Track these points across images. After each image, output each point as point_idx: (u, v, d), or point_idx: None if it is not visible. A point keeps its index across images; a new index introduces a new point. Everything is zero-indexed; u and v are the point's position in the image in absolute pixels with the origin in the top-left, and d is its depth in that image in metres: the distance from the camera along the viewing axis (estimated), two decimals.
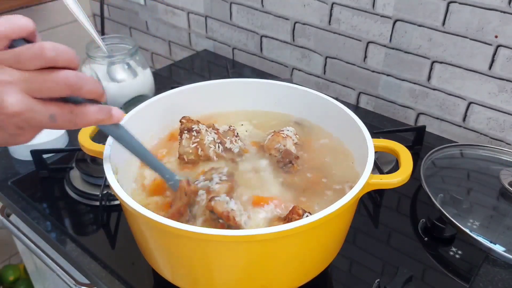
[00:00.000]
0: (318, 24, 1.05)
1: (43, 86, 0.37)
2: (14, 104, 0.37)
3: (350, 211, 0.57)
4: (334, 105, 0.67)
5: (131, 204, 0.49)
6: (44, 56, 0.37)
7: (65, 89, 0.38)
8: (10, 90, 0.37)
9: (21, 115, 0.37)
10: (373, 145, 0.58)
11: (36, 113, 0.38)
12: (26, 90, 0.37)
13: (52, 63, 0.37)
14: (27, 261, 1.09)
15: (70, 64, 0.38)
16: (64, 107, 0.39)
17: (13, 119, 0.38)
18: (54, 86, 0.38)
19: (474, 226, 0.71)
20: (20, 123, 0.38)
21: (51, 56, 0.37)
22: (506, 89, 0.85)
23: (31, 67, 0.37)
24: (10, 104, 0.36)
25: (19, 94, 0.37)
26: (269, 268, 0.52)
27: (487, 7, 0.81)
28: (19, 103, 0.37)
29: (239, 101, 0.75)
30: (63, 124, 0.40)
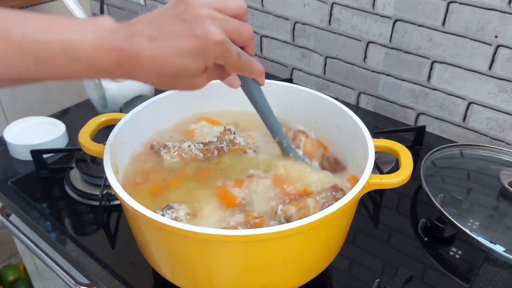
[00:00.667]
0: (318, 24, 1.05)
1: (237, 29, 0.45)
2: (218, 34, 0.43)
3: (350, 211, 0.57)
4: (334, 105, 0.67)
5: (131, 204, 0.49)
6: (243, 8, 0.46)
7: (248, 37, 0.46)
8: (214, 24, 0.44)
9: (223, 44, 0.44)
10: (373, 145, 0.58)
11: (231, 46, 0.45)
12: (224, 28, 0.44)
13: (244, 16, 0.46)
14: (27, 261, 1.09)
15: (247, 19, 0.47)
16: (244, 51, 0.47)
17: (216, 47, 0.44)
18: (244, 32, 0.46)
19: (474, 226, 0.71)
20: (219, 54, 0.45)
21: (245, 9, 0.46)
22: (506, 89, 0.86)
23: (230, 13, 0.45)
24: (216, 34, 0.43)
25: (220, 28, 0.44)
26: (269, 268, 0.52)
27: (487, 7, 0.81)
28: (222, 35, 0.44)
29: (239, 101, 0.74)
30: (243, 64, 0.47)
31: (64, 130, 0.92)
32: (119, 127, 0.61)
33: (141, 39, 0.43)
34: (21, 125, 0.94)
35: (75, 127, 0.89)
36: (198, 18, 0.43)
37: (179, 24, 0.44)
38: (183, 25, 0.43)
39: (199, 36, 0.43)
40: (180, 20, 0.44)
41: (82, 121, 0.63)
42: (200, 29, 0.43)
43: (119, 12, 1.53)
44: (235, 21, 0.45)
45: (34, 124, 0.94)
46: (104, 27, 0.44)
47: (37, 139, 0.88)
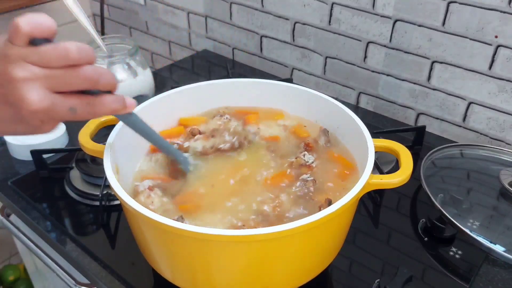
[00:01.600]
0: (318, 24, 1.05)
1: (64, 82, 0.39)
2: (36, 100, 0.38)
3: (350, 211, 0.57)
4: (334, 105, 0.67)
5: (131, 204, 0.49)
6: (69, 57, 0.39)
7: (84, 83, 0.40)
8: (33, 87, 0.38)
9: (44, 110, 0.39)
10: (373, 145, 0.58)
11: (57, 106, 0.40)
12: (48, 86, 0.39)
13: (76, 62, 0.39)
14: (27, 261, 1.09)
15: (89, 61, 0.40)
16: (82, 99, 0.41)
17: (37, 114, 0.39)
18: (75, 81, 0.40)
19: (474, 226, 0.71)
20: (43, 117, 0.40)
21: (75, 57, 0.39)
22: (506, 89, 0.86)
23: (54, 66, 0.39)
24: (33, 101, 0.38)
25: (41, 90, 0.39)
26: (269, 268, 0.52)
27: (487, 7, 0.81)
28: (41, 99, 0.39)
29: (239, 101, 0.75)
30: (82, 115, 0.42)
31: (64, 130, 0.92)
32: (119, 127, 0.61)
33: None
34: None
35: (75, 127, 0.89)
36: (12, 82, 0.38)
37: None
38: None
39: (13, 104, 0.39)
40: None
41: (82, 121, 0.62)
42: (14, 96, 0.39)
43: (119, 12, 1.53)
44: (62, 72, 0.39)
45: None
46: None
47: (37, 139, 0.88)
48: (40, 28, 0.38)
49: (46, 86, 0.39)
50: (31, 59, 0.38)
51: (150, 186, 0.59)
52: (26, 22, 0.38)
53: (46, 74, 0.39)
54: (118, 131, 0.60)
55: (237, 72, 1.22)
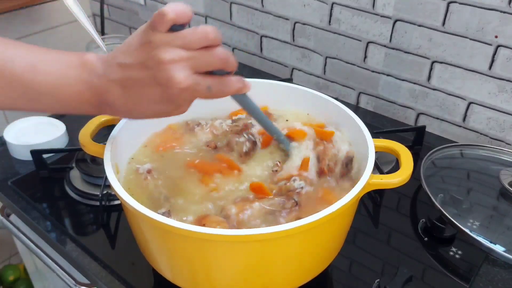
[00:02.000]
0: (318, 24, 1.05)
1: (204, 61, 0.44)
2: (184, 79, 0.43)
3: (351, 211, 0.57)
4: (334, 105, 0.67)
5: (131, 204, 0.49)
6: (208, 38, 0.43)
7: (219, 63, 0.44)
8: (179, 68, 0.43)
9: (190, 88, 0.44)
10: (373, 145, 0.58)
11: (198, 85, 0.44)
12: (191, 66, 0.43)
13: (213, 43, 0.44)
14: (27, 261, 1.09)
15: (220, 42, 0.44)
16: (215, 79, 0.45)
17: (183, 92, 0.44)
18: (213, 61, 0.44)
19: (474, 226, 0.71)
20: (186, 96, 0.45)
21: (212, 38, 0.43)
22: (506, 89, 0.86)
23: (196, 47, 0.43)
24: (181, 80, 0.43)
25: (186, 70, 0.43)
26: (269, 268, 0.52)
27: (487, 7, 0.81)
28: (188, 79, 0.43)
29: None
30: (216, 93, 0.46)
31: (64, 130, 0.92)
32: (120, 127, 0.61)
33: (115, 87, 0.45)
34: (21, 125, 0.94)
35: (75, 127, 0.89)
36: (160, 65, 0.43)
37: (144, 72, 0.44)
38: (147, 73, 0.43)
39: (163, 84, 0.43)
40: (145, 67, 0.43)
41: (82, 121, 0.63)
42: (163, 77, 0.43)
43: (119, 12, 1.53)
44: (202, 54, 0.43)
45: (34, 124, 0.94)
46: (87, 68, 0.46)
47: (37, 139, 0.88)
48: (183, 15, 0.43)
49: (190, 67, 0.43)
50: (176, 43, 0.42)
51: (149, 169, 0.61)
52: (172, 10, 0.42)
53: (189, 55, 0.43)
54: (118, 131, 0.60)
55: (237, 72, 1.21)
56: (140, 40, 0.44)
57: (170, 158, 0.65)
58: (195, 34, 0.43)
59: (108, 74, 0.45)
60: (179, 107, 0.47)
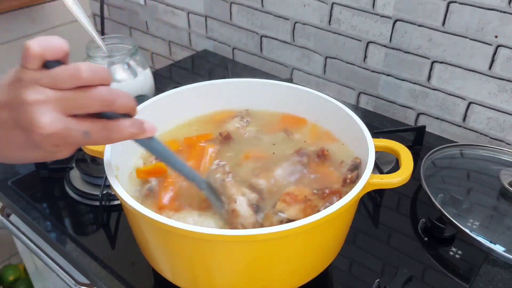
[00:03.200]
0: (318, 24, 1.05)
1: (77, 104, 0.38)
2: (49, 124, 0.37)
3: (351, 211, 0.57)
4: (335, 105, 0.67)
5: (131, 204, 0.49)
6: (81, 77, 0.38)
7: (98, 105, 0.39)
8: (45, 110, 0.37)
9: (56, 134, 0.38)
10: (373, 145, 0.58)
11: (71, 130, 0.39)
12: (60, 109, 0.38)
13: (88, 83, 0.38)
14: (27, 261, 1.09)
15: (103, 82, 0.39)
16: (97, 123, 0.40)
17: (49, 138, 0.38)
18: (88, 103, 0.38)
19: (474, 226, 0.71)
20: (56, 142, 0.39)
21: (87, 77, 0.38)
22: (506, 89, 0.86)
23: (67, 87, 0.38)
24: (45, 125, 0.37)
25: (53, 113, 0.38)
26: (269, 268, 0.52)
27: (487, 7, 0.81)
28: (54, 123, 0.38)
29: (239, 101, 0.75)
30: (97, 140, 0.40)
31: None
32: None
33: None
34: None
35: None
36: (23, 105, 0.37)
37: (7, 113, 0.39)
38: (10, 115, 0.39)
39: (25, 128, 0.38)
40: (8, 108, 0.39)
41: None
42: (25, 120, 0.38)
43: (119, 12, 1.53)
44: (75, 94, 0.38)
45: None
46: None
47: None
48: (52, 50, 0.38)
49: (59, 109, 0.38)
50: (43, 82, 0.38)
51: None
52: (37, 44, 0.38)
53: (58, 96, 0.38)
54: None
55: (237, 72, 1.22)
56: (11, 76, 0.39)
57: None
58: (65, 72, 0.38)
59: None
60: (53, 154, 0.41)
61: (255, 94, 0.74)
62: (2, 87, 0.39)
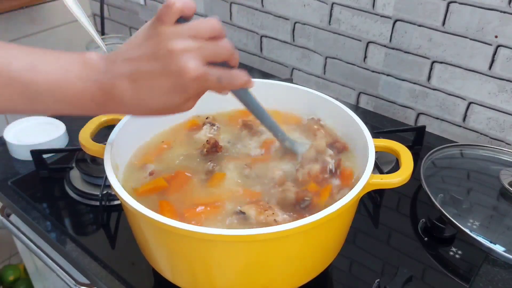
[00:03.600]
0: (318, 24, 1.05)
1: (213, 51, 0.44)
2: (195, 68, 0.43)
3: (351, 211, 0.57)
4: (335, 105, 0.67)
5: (131, 204, 0.49)
6: (215, 28, 0.44)
7: (227, 53, 0.45)
8: (191, 57, 0.43)
9: (201, 78, 0.44)
10: (373, 145, 0.58)
11: (209, 75, 0.44)
12: (201, 56, 0.44)
13: (220, 33, 0.45)
14: (27, 261, 1.09)
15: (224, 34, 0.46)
16: (224, 71, 0.46)
17: (194, 82, 0.44)
18: (221, 51, 0.45)
19: (474, 226, 0.71)
20: (198, 86, 0.45)
21: (219, 28, 0.45)
22: (506, 89, 0.86)
23: (205, 37, 0.44)
24: (193, 69, 0.43)
25: (197, 60, 0.43)
26: (269, 268, 0.52)
27: (487, 7, 0.81)
28: (199, 68, 0.43)
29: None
30: (226, 85, 0.46)
31: (64, 130, 0.92)
32: (120, 127, 0.61)
33: (123, 81, 0.44)
34: (21, 125, 0.94)
35: (75, 127, 0.89)
36: (171, 54, 0.43)
37: (154, 63, 0.43)
38: (158, 64, 0.43)
39: (174, 74, 0.43)
40: (155, 58, 0.43)
41: (82, 121, 0.62)
42: (174, 67, 0.43)
43: (119, 12, 1.53)
44: (211, 44, 0.44)
45: (34, 124, 0.94)
46: (89, 66, 0.45)
47: (37, 139, 0.88)
48: (189, 7, 0.44)
49: (200, 57, 0.43)
50: (185, 33, 0.43)
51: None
52: (180, 2, 0.43)
53: (199, 45, 0.43)
54: (118, 131, 0.60)
55: None
56: (146, 34, 0.45)
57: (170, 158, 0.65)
58: (203, 24, 0.44)
59: (114, 70, 0.45)
60: (188, 100, 0.47)
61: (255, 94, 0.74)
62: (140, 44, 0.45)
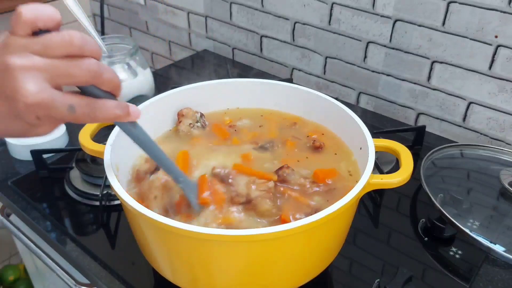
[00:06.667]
0: (318, 24, 1.05)
1: (65, 72, 0.37)
2: (34, 92, 0.35)
3: (351, 211, 0.57)
4: (335, 105, 0.67)
5: (132, 204, 0.49)
6: (72, 43, 0.36)
7: (86, 75, 0.37)
8: (32, 77, 0.36)
9: (41, 104, 0.36)
10: (373, 145, 0.58)
11: (56, 102, 0.37)
12: (47, 78, 0.36)
13: (79, 51, 0.37)
14: (27, 261, 1.09)
15: (94, 54, 0.38)
16: (83, 99, 0.38)
17: (33, 108, 0.36)
18: (77, 72, 0.37)
19: (474, 226, 0.71)
20: (40, 113, 0.37)
21: (78, 44, 0.37)
22: (506, 89, 0.86)
23: (57, 54, 0.36)
24: (30, 93, 0.35)
25: (40, 81, 0.36)
26: (269, 268, 0.52)
27: (487, 7, 0.81)
28: (40, 92, 0.36)
29: (239, 101, 0.75)
30: (81, 117, 0.39)
31: (64, 130, 0.92)
32: None
33: None
34: None
35: (75, 127, 0.89)
36: (8, 71, 0.35)
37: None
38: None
39: (8, 96, 0.36)
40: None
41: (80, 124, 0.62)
42: (9, 86, 0.35)
43: (119, 12, 1.53)
44: (64, 63, 0.36)
45: None
46: None
47: (37, 139, 0.88)
48: (44, 18, 0.36)
49: (46, 78, 0.36)
50: (32, 48, 0.36)
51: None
52: (30, 10, 0.36)
53: (47, 63, 0.36)
54: (118, 131, 0.60)
55: (237, 72, 1.22)
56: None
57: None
58: (57, 37, 0.36)
59: None
60: (34, 127, 0.39)
61: (255, 94, 0.74)
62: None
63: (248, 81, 0.74)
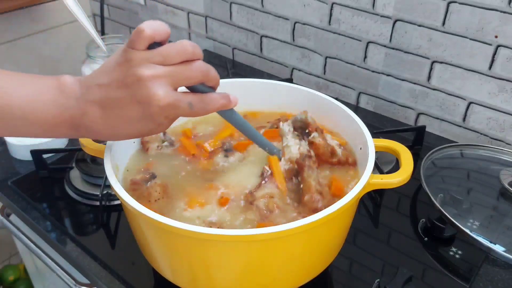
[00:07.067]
0: (318, 24, 1.05)
1: (183, 76, 0.44)
2: (164, 96, 0.42)
3: (351, 211, 0.57)
4: (335, 105, 0.67)
5: (131, 204, 0.49)
6: (186, 51, 0.43)
7: (199, 76, 0.44)
8: (160, 84, 0.42)
9: (170, 105, 0.43)
10: (374, 145, 0.58)
11: (180, 102, 0.44)
12: (170, 82, 0.43)
13: (191, 56, 0.44)
14: (27, 261, 1.09)
15: (200, 56, 0.45)
16: (197, 95, 0.45)
17: (163, 109, 0.43)
18: (192, 74, 0.44)
19: (474, 226, 0.71)
20: (168, 113, 0.44)
21: (191, 51, 0.44)
22: (506, 89, 0.86)
23: (174, 62, 0.43)
24: (161, 96, 0.42)
25: (166, 87, 0.43)
26: (269, 268, 0.52)
27: (487, 7, 0.81)
28: (168, 96, 0.43)
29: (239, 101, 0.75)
30: (198, 111, 0.45)
31: None
32: None
33: (94, 107, 0.44)
34: None
35: None
36: (139, 82, 0.42)
37: (123, 90, 0.43)
38: (126, 92, 0.43)
39: (142, 102, 0.43)
40: (123, 86, 0.43)
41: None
42: (142, 95, 0.42)
43: (119, 12, 1.53)
44: (181, 68, 0.43)
45: None
46: (63, 91, 0.45)
47: (37, 139, 0.88)
48: (161, 32, 0.43)
49: (169, 83, 0.43)
50: (154, 59, 0.42)
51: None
52: (149, 27, 0.42)
53: (169, 70, 0.43)
54: None
55: (237, 72, 1.22)
56: (118, 59, 0.44)
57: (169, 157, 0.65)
58: (174, 48, 0.43)
59: (86, 96, 0.44)
60: (160, 126, 0.46)
61: (255, 94, 0.74)
62: (111, 69, 0.44)
63: (248, 81, 0.74)
